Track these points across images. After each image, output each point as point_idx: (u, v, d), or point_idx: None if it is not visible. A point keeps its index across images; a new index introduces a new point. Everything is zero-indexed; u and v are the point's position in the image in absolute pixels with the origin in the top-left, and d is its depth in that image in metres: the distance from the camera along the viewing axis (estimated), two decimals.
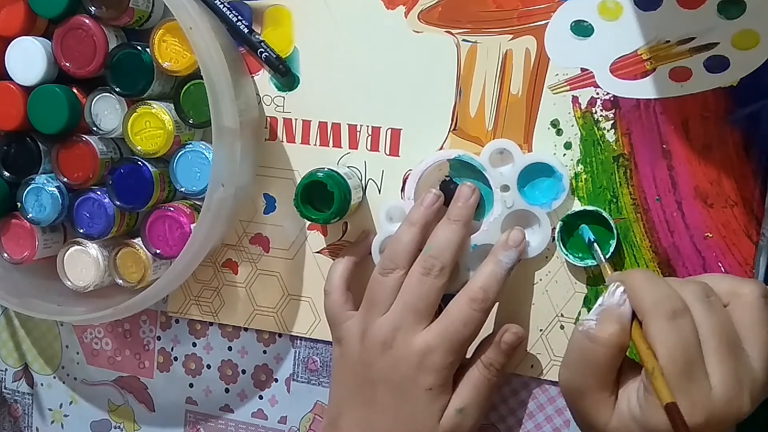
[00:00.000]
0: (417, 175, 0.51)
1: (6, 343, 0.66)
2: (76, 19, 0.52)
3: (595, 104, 0.48)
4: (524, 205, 0.49)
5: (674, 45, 0.46)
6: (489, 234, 0.49)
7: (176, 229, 0.53)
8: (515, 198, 0.49)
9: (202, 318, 0.59)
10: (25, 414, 0.66)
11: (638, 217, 0.48)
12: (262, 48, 0.53)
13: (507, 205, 0.49)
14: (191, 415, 0.61)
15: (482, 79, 0.50)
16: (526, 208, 0.49)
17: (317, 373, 0.57)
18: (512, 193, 0.49)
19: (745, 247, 0.46)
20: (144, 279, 0.55)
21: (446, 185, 0.51)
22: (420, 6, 0.51)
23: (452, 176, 0.51)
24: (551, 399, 0.52)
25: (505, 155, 0.49)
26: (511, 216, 0.49)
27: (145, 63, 0.52)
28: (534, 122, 0.49)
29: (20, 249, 0.57)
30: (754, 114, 0.45)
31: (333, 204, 0.49)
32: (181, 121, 0.53)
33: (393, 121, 0.52)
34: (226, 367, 0.59)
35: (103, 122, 0.54)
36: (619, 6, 0.47)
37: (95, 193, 0.54)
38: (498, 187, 0.49)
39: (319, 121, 0.54)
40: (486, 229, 0.49)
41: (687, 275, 0.47)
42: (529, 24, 0.49)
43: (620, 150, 0.48)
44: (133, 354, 0.62)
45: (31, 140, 0.55)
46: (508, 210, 0.49)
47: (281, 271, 0.56)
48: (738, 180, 0.46)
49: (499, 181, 0.49)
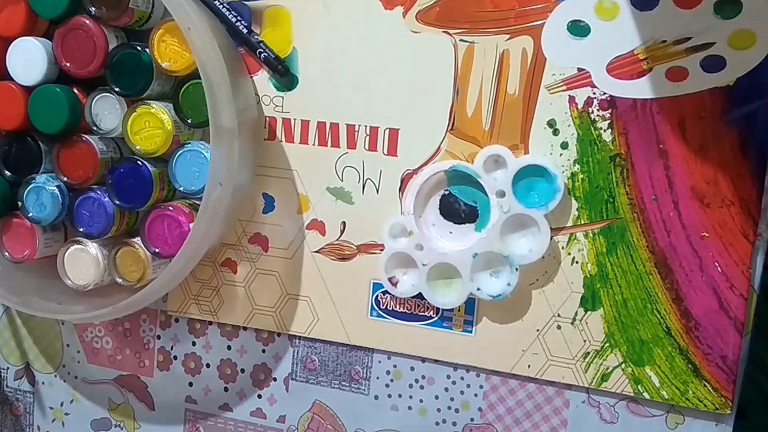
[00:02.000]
0: (415, 190, 0.51)
1: (8, 342, 0.66)
2: (77, 20, 0.52)
3: (591, 104, 0.48)
4: (521, 209, 0.49)
5: (671, 45, 0.46)
6: (488, 241, 0.49)
7: (175, 228, 0.53)
8: (511, 203, 0.49)
9: (201, 317, 0.59)
10: (27, 412, 0.67)
11: (635, 217, 0.48)
12: (261, 48, 0.53)
13: (504, 210, 0.49)
14: (191, 414, 0.61)
15: (479, 79, 0.50)
16: (523, 212, 0.49)
17: (316, 373, 0.57)
18: (508, 198, 0.49)
19: (741, 246, 0.46)
20: (143, 278, 0.55)
21: (446, 199, 0.51)
22: (418, 6, 0.51)
23: (449, 186, 0.51)
24: (548, 399, 0.52)
25: (499, 161, 0.49)
26: (509, 221, 0.49)
27: (144, 63, 0.52)
28: (531, 122, 0.49)
29: (21, 248, 0.57)
30: (751, 114, 0.45)
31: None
32: (180, 121, 0.53)
33: (391, 121, 0.52)
34: (226, 366, 0.60)
35: (103, 122, 0.54)
36: (615, 6, 0.47)
37: (95, 192, 0.55)
38: (494, 193, 0.49)
39: (318, 121, 0.54)
40: (485, 237, 0.49)
41: (684, 275, 0.48)
42: (525, 24, 0.49)
43: (617, 150, 0.48)
44: (133, 353, 0.62)
45: (32, 140, 0.55)
46: (505, 215, 0.49)
47: (280, 271, 0.56)
48: (735, 180, 0.46)
49: (494, 186, 0.49)
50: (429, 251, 0.51)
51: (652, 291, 0.48)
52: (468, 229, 0.51)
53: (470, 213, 0.51)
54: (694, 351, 0.48)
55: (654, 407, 0.50)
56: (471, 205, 0.51)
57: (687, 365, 0.48)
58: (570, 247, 0.50)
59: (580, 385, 0.51)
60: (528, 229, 0.50)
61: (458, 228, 0.52)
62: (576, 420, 0.52)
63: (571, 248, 0.50)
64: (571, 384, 0.51)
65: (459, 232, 0.52)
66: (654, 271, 0.48)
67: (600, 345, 0.50)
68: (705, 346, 0.48)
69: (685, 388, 0.49)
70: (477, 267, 0.50)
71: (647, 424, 0.50)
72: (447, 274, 0.51)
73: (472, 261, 0.50)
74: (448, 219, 0.52)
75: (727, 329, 0.47)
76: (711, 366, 0.48)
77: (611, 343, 0.50)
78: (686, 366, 0.48)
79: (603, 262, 0.49)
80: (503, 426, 0.53)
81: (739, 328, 0.47)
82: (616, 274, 0.49)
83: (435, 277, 0.52)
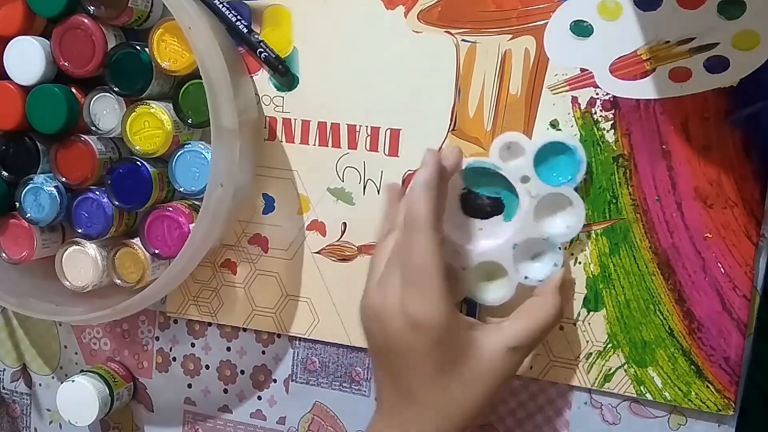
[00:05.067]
0: None
1: (4, 343, 0.66)
2: (75, 19, 0.52)
3: (594, 104, 0.48)
4: (549, 189, 0.48)
5: (674, 45, 0.46)
6: (525, 229, 0.48)
7: (175, 229, 0.52)
8: (538, 186, 0.48)
9: (200, 318, 0.58)
10: (24, 414, 0.66)
11: (638, 218, 0.48)
12: (262, 48, 0.53)
13: (532, 195, 0.48)
14: (190, 416, 0.61)
15: (481, 79, 0.50)
16: (553, 191, 0.48)
17: (316, 374, 0.57)
18: (534, 182, 0.48)
19: (744, 247, 0.46)
20: (142, 279, 0.55)
21: (465, 198, 0.51)
22: (419, 6, 0.51)
23: (468, 186, 0.51)
24: (551, 400, 0.52)
25: (512, 148, 0.49)
26: (542, 204, 0.48)
27: (143, 63, 0.52)
28: (533, 122, 0.49)
29: (19, 249, 0.56)
30: (754, 115, 0.45)
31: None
32: (179, 121, 0.53)
33: (392, 121, 0.52)
34: (225, 368, 0.59)
35: (101, 122, 0.54)
36: (618, 6, 0.47)
37: (94, 193, 0.54)
38: (518, 180, 0.48)
39: (318, 121, 0.54)
40: (520, 225, 0.48)
41: (686, 276, 0.47)
42: (528, 24, 0.49)
43: (620, 150, 0.48)
44: (132, 354, 0.62)
45: (30, 140, 0.55)
46: (535, 199, 0.48)
47: (280, 272, 0.56)
48: (738, 181, 0.46)
49: (517, 174, 0.48)
50: (466, 254, 0.49)
51: (654, 292, 0.48)
52: (497, 221, 0.50)
53: (495, 206, 0.50)
54: (697, 352, 0.48)
55: (656, 408, 0.50)
56: (494, 198, 0.50)
57: (690, 366, 0.48)
58: (573, 248, 0.50)
59: (582, 386, 0.51)
60: (560, 208, 0.49)
61: (486, 223, 0.51)
62: (578, 421, 0.52)
63: (573, 249, 0.50)
64: (574, 385, 0.51)
65: (489, 227, 0.50)
66: (657, 272, 0.48)
67: (603, 346, 0.50)
68: (708, 347, 0.48)
69: (687, 389, 0.48)
70: (519, 257, 0.49)
71: (650, 425, 0.50)
72: (490, 271, 0.50)
73: (513, 252, 0.48)
74: (474, 217, 0.51)
75: (730, 330, 0.47)
76: (714, 367, 0.48)
77: (614, 344, 0.49)
78: (689, 367, 0.48)
79: (606, 263, 0.49)
80: (505, 427, 0.53)
81: (742, 329, 0.47)
82: (618, 275, 0.49)
83: (477, 278, 0.50)
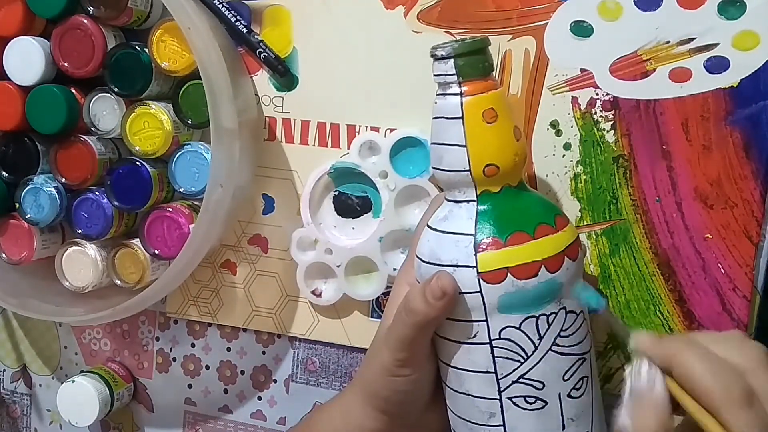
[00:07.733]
0: (306, 200, 0.53)
1: (4, 344, 0.66)
2: (75, 19, 0.52)
3: (594, 105, 0.48)
4: (405, 182, 0.51)
5: (674, 45, 0.46)
6: (388, 222, 0.51)
7: (175, 230, 0.52)
8: (396, 179, 0.51)
9: (200, 319, 0.58)
10: (24, 415, 0.66)
11: (638, 218, 0.48)
12: (261, 48, 0.53)
13: (390, 188, 0.51)
14: (190, 416, 0.61)
15: None
16: (409, 183, 0.51)
17: (316, 374, 0.57)
18: (391, 176, 0.51)
19: (745, 248, 0.46)
20: (142, 280, 0.55)
21: (338, 199, 0.53)
22: (419, 6, 0.50)
23: (338, 187, 0.53)
24: None
25: (373, 146, 0.51)
26: (401, 196, 0.51)
27: (143, 63, 0.52)
28: (533, 123, 0.49)
29: (18, 249, 0.56)
30: (754, 115, 0.45)
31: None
32: (179, 122, 0.53)
33: (392, 121, 0.52)
34: (225, 368, 0.59)
35: (101, 122, 0.54)
36: (618, 6, 0.46)
37: (93, 193, 0.54)
38: (377, 176, 0.51)
39: (318, 122, 0.54)
40: (383, 219, 0.51)
41: (687, 276, 0.47)
42: (528, 24, 0.49)
43: (620, 151, 0.48)
44: (132, 355, 0.62)
45: (30, 140, 0.55)
46: (393, 193, 0.51)
47: (280, 272, 0.56)
48: (738, 181, 0.46)
49: (375, 170, 0.51)
50: (338, 252, 0.52)
51: (655, 292, 0.48)
52: (367, 219, 0.53)
53: (364, 204, 0.53)
54: None
55: None
56: (362, 196, 0.53)
57: None
58: None
59: None
60: (422, 199, 0.51)
61: (358, 222, 0.53)
62: None
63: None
64: None
65: (360, 225, 0.53)
66: (657, 272, 0.48)
67: (602, 346, 0.50)
68: None
69: None
70: (386, 249, 0.51)
71: None
72: (365, 267, 0.53)
73: (379, 245, 0.51)
74: (346, 216, 0.53)
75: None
76: None
77: (614, 344, 0.49)
78: None
79: (606, 264, 0.49)
80: None
81: (742, 329, 0.47)
82: (619, 276, 0.49)
83: (353, 274, 0.53)
